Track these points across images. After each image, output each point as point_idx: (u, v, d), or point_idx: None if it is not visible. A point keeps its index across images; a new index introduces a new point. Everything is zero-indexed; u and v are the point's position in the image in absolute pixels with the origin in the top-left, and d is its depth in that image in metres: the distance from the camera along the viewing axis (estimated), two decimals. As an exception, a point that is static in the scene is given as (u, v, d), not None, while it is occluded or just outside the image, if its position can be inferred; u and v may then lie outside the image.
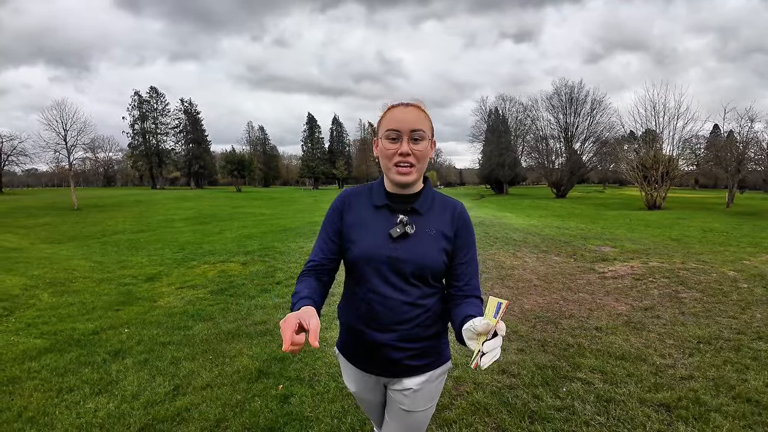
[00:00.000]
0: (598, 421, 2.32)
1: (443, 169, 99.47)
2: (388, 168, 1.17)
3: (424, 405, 1.25)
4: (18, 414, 2.43)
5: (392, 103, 1.20)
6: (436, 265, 1.17)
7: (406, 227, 1.16)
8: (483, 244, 8.50)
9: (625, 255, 7.33)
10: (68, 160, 22.60)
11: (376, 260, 1.15)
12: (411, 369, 1.21)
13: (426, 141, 1.16)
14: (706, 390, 2.62)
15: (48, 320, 4.19)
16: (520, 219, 14.85)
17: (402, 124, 1.13)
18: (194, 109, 64.74)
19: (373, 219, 1.20)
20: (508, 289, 5.18)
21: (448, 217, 1.22)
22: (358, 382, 1.32)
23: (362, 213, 1.22)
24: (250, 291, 5.23)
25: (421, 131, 1.14)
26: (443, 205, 1.24)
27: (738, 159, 21.05)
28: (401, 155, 1.13)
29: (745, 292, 4.85)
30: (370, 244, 1.16)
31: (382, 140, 1.16)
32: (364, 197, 1.25)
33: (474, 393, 2.65)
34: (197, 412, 2.46)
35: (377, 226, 1.19)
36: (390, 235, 1.16)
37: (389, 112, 1.18)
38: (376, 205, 1.22)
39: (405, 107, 1.16)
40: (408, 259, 1.15)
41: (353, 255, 1.18)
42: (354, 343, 1.26)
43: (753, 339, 3.46)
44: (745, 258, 6.98)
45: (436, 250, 1.17)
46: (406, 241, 1.16)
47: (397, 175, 1.15)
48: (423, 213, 1.20)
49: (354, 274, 1.22)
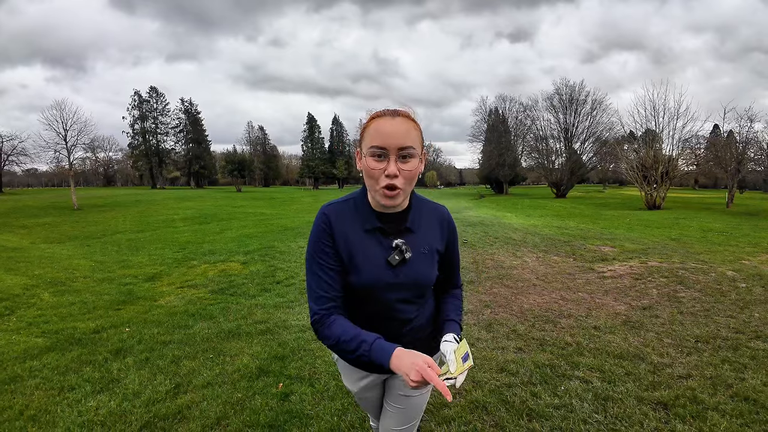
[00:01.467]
0: (596, 419, 2.34)
1: (443, 168, 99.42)
2: (373, 189, 1.06)
3: (420, 389, 1.28)
4: (20, 412, 2.45)
5: (376, 111, 1.07)
6: (432, 280, 1.22)
7: (405, 253, 1.12)
8: (483, 244, 8.51)
9: (625, 255, 7.34)
10: (68, 159, 22.57)
11: (378, 288, 1.13)
12: None
13: (416, 159, 1.04)
14: (703, 389, 2.64)
15: (49, 319, 4.21)
16: (519, 219, 14.86)
17: (389, 140, 1.00)
18: (194, 109, 64.75)
19: (367, 245, 1.13)
20: (507, 288, 5.20)
21: (437, 230, 1.22)
22: (360, 383, 1.34)
23: (352, 237, 1.13)
24: (250, 290, 5.25)
25: (410, 148, 1.02)
26: (431, 216, 1.22)
27: (738, 159, 21.04)
28: (388, 176, 1.02)
29: (743, 292, 4.86)
30: (371, 275, 1.12)
31: (366, 158, 1.04)
32: (349, 217, 1.14)
33: (473, 391, 2.66)
34: (198, 410, 2.48)
35: (373, 253, 1.12)
36: (389, 263, 1.12)
37: (373, 122, 1.04)
38: (367, 229, 1.13)
39: (392, 118, 1.03)
40: (408, 283, 1.15)
41: (353, 283, 1.14)
42: None
43: (751, 338, 3.47)
44: (744, 258, 7.00)
45: (432, 268, 1.20)
46: (404, 266, 1.14)
47: (383, 199, 1.05)
48: (415, 230, 1.17)
49: (352, 297, 1.18)
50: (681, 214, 16.97)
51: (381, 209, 1.14)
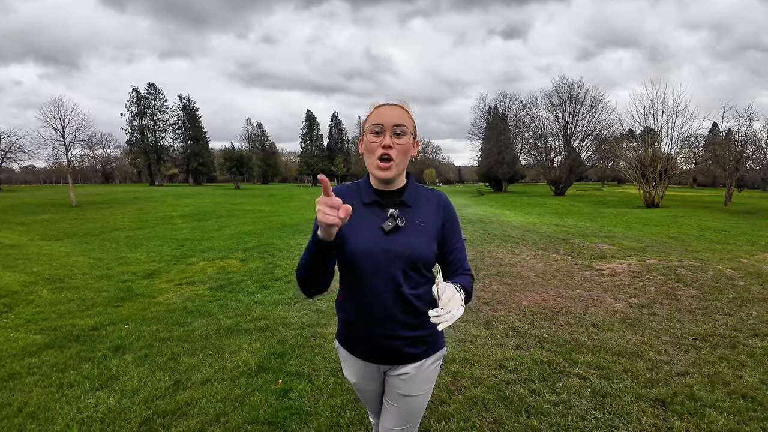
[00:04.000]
0: (594, 415, 2.35)
1: (442, 166, 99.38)
2: (371, 163, 1.21)
3: (420, 389, 1.31)
4: (18, 409, 2.45)
5: (379, 102, 1.26)
6: (428, 255, 1.23)
7: (397, 220, 1.20)
8: (481, 241, 8.52)
9: (623, 252, 7.36)
10: (66, 156, 22.52)
11: (371, 255, 1.18)
12: (410, 356, 1.28)
13: (408, 136, 1.20)
14: (701, 386, 2.65)
15: (48, 316, 4.20)
16: (518, 216, 14.88)
17: (385, 118, 1.19)
18: (192, 106, 64.49)
19: (364, 216, 1.23)
20: (505, 285, 5.21)
21: (434, 208, 1.28)
22: (359, 373, 1.36)
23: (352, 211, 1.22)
24: (249, 287, 5.25)
25: (403, 126, 1.19)
26: (428, 197, 1.30)
27: (736, 158, 21.08)
28: (384, 147, 1.18)
29: (741, 290, 4.88)
30: (364, 240, 1.19)
31: (366, 135, 1.21)
32: (352, 196, 1.27)
33: (472, 388, 2.67)
34: (197, 406, 2.48)
35: (369, 222, 1.22)
36: (382, 229, 1.19)
37: (375, 110, 1.24)
38: (365, 202, 1.25)
39: (390, 106, 1.23)
40: (402, 251, 1.19)
41: (348, 251, 1.20)
42: (354, 335, 1.31)
43: (749, 336, 3.49)
44: (743, 256, 7.02)
45: (428, 241, 1.23)
46: (398, 234, 1.20)
47: (377, 170, 1.19)
48: (411, 205, 1.25)
49: (349, 270, 1.23)
50: (679, 212, 17.01)
51: (380, 186, 1.26)
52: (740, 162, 21.25)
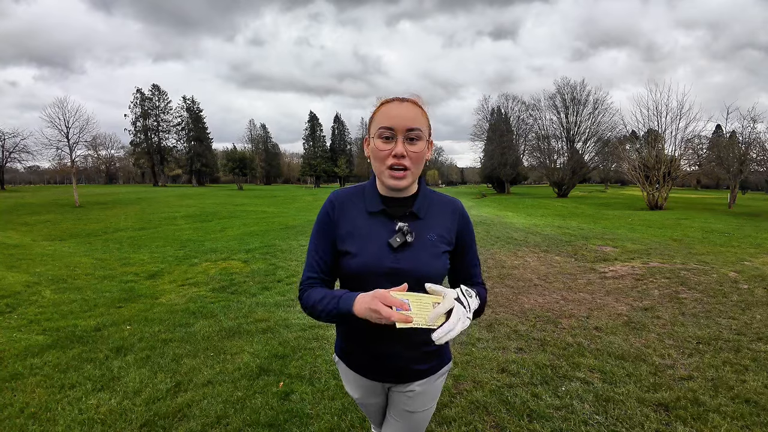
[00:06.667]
0: (597, 420, 2.33)
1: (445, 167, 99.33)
2: (380, 171, 1.07)
3: (425, 405, 1.25)
4: (20, 410, 2.45)
5: (386, 97, 1.09)
6: (439, 273, 1.12)
7: (406, 236, 1.08)
8: (484, 243, 8.50)
9: (626, 255, 7.32)
10: (70, 157, 22.61)
11: (377, 273, 1.08)
12: (417, 373, 1.20)
13: (423, 141, 1.06)
14: (704, 390, 2.63)
15: (50, 317, 4.22)
16: (521, 218, 14.84)
17: (396, 121, 1.03)
18: (196, 107, 64.76)
19: (370, 227, 1.11)
20: (508, 288, 5.19)
21: (448, 218, 1.16)
22: (361, 389, 1.28)
23: (357, 221, 1.12)
24: (251, 289, 5.25)
25: (417, 130, 1.04)
26: (442, 205, 1.18)
27: (740, 160, 20.97)
28: (395, 157, 1.03)
29: (745, 293, 4.84)
30: (370, 257, 1.08)
31: (374, 139, 1.06)
32: (356, 201, 1.15)
33: (473, 391, 2.66)
34: (198, 408, 2.48)
35: (376, 236, 1.10)
36: (390, 245, 1.08)
37: (383, 107, 1.07)
38: (371, 211, 1.12)
39: (400, 102, 1.05)
40: (410, 271, 1.07)
41: (352, 269, 1.10)
42: (356, 352, 1.22)
43: (752, 340, 3.46)
44: (747, 259, 6.97)
45: (439, 257, 1.12)
46: (406, 250, 1.08)
47: (390, 180, 1.06)
48: (422, 216, 1.13)
49: (352, 285, 1.12)
50: (683, 214, 16.92)
51: (388, 193, 1.13)
52: (744, 164, 21.14)
